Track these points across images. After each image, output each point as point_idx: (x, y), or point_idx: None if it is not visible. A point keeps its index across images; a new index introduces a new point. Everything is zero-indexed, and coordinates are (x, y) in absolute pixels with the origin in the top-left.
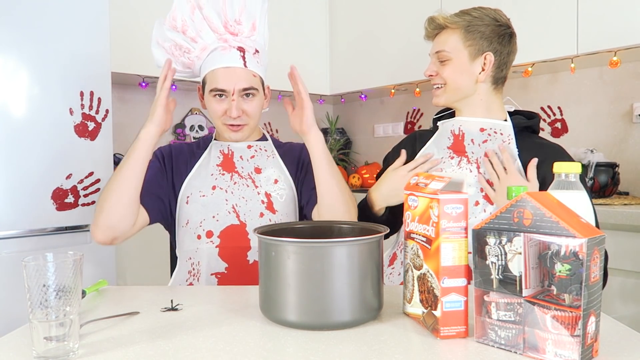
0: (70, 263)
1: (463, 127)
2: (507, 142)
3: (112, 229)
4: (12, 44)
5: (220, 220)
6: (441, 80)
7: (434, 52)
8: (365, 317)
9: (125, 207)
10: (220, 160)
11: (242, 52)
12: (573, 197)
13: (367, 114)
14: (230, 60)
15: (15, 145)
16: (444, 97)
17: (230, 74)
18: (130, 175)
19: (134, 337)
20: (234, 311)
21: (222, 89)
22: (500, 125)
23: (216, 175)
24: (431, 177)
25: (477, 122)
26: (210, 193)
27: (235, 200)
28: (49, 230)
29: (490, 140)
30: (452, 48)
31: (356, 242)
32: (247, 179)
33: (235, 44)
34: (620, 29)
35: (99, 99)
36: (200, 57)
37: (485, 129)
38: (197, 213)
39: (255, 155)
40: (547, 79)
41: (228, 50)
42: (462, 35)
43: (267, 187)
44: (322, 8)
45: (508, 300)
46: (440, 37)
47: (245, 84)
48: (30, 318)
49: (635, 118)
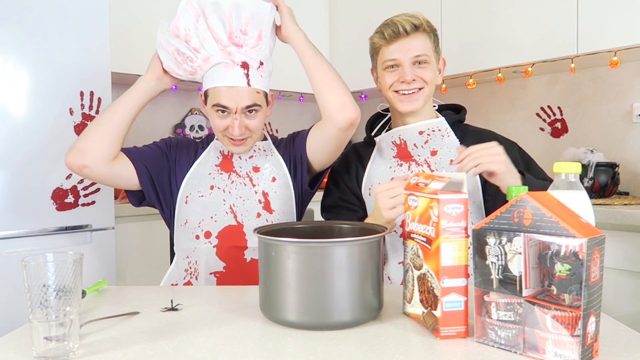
0: (70, 263)
1: (402, 135)
2: (446, 136)
3: (83, 153)
4: (12, 44)
5: (219, 221)
6: (421, 83)
7: (414, 55)
8: (365, 317)
9: (104, 134)
10: (219, 160)
11: (245, 69)
12: (573, 197)
13: (367, 114)
14: (234, 80)
15: (15, 145)
16: (422, 99)
17: (233, 93)
18: (118, 107)
19: (134, 337)
20: (234, 311)
21: (225, 106)
22: (436, 123)
23: (214, 175)
24: (431, 177)
25: (414, 127)
26: (209, 193)
27: (233, 200)
28: (49, 230)
29: (431, 138)
30: (428, 51)
31: (356, 242)
32: (244, 178)
33: (239, 59)
34: (620, 29)
35: (99, 99)
36: (202, 68)
37: (424, 130)
38: (196, 213)
39: (254, 155)
40: (547, 79)
41: (231, 67)
42: (432, 39)
43: (265, 186)
44: (322, 8)
45: (508, 300)
46: (414, 40)
47: (248, 101)
48: (30, 318)
49: (635, 118)
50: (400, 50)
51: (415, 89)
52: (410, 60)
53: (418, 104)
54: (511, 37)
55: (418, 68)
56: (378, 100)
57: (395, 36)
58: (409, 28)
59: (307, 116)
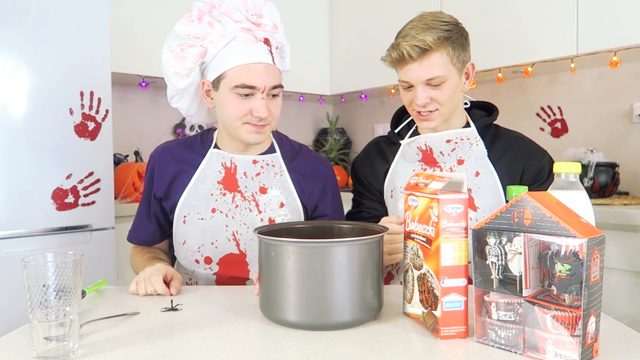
0: (70, 263)
1: (429, 142)
2: (474, 145)
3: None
4: (12, 44)
5: (220, 248)
6: (435, 105)
7: (425, 80)
8: (365, 317)
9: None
10: (222, 176)
11: (268, 45)
12: (573, 197)
13: (367, 114)
14: (260, 55)
15: (15, 145)
16: (439, 119)
17: (259, 70)
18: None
19: (134, 337)
20: (234, 311)
21: (253, 85)
22: (465, 132)
23: (216, 196)
24: (431, 177)
25: (441, 135)
26: (210, 216)
27: (236, 226)
28: (49, 230)
29: (458, 146)
30: (444, 70)
31: (356, 242)
32: (250, 202)
33: (261, 35)
34: (620, 29)
35: (99, 99)
36: (216, 45)
37: (451, 139)
38: (195, 237)
39: (261, 173)
40: (547, 79)
41: (255, 43)
42: (449, 53)
43: (272, 212)
44: (322, 8)
45: (508, 300)
46: (423, 63)
47: (275, 81)
48: (30, 318)
49: (635, 118)
50: (411, 72)
51: (431, 111)
52: (422, 83)
53: (434, 124)
54: (511, 37)
55: (432, 89)
56: (378, 101)
57: (402, 60)
58: (415, 54)
59: (307, 116)
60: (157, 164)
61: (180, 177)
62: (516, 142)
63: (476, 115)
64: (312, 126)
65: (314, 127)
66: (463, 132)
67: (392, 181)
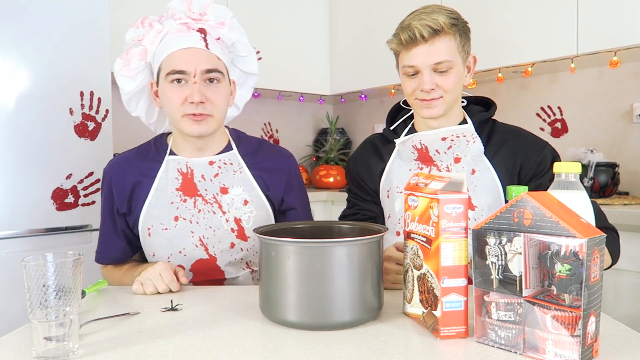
0: (70, 263)
1: (424, 140)
2: (471, 142)
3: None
4: (12, 44)
5: (188, 255)
6: (440, 92)
7: (433, 64)
8: (365, 317)
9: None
10: (180, 182)
11: (203, 33)
12: (573, 197)
13: (367, 114)
14: (190, 41)
15: (15, 145)
16: (443, 107)
17: (190, 54)
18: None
19: (134, 337)
20: (234, 311)
21: (181, 70)
22: (461, 129)
23: (177, 204)
24: (431, 177)
25: (437, 133)
26: (173, 225)
27: (202, 231)
28: (49, 230)
29: (455, 144)
30: (452, 55)
31: (356, 242)
32: (212, 204)
33: (196, 26)
34: (620, 29)
35: (99, 99)
36: (153, 42)
37: (447, 136)
38: (162, 248)
39: (219, 173)
40: (547, 79)
41: (186, 31)
42: (457, 40)
43: (236, 212)
44: (322, 8)
45: (508, 300)
46: (434, 46)
47: (208, 64)
48: (30, 318)
49: (635, 118)
50: (419, 56)
51: (435, 97)
52: (429, 68)
53: (438, 111)
54: (511, 37)
55: (439, 76)
56: (378, 101)
57: (412, 42)
58: (427, 34)
59: (307, 116)
60: (113, 179)
61: (138, 189)
62: (512, 135)
63: (473, 111)
64: (312, 126)
65: (314, 127)
66: (458, 129)
67: (388, 181)
